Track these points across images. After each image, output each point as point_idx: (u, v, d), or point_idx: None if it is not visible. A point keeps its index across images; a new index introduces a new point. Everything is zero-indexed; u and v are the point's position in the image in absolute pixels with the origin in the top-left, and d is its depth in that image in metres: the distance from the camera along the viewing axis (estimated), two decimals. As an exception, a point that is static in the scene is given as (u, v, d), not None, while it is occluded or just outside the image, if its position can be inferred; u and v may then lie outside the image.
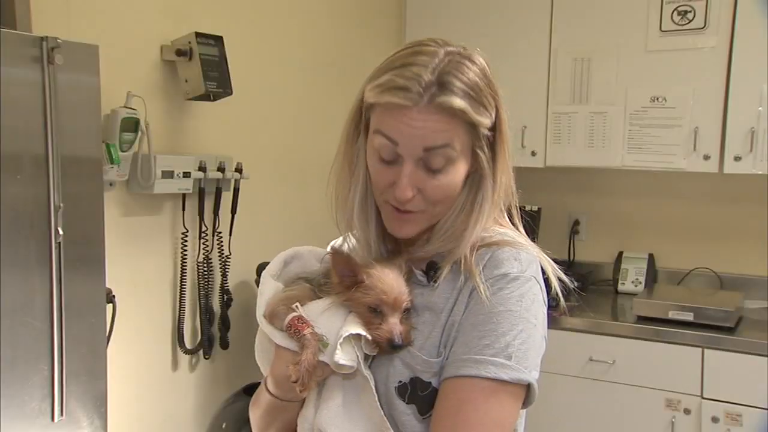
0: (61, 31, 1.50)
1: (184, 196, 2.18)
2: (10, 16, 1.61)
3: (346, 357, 0.94)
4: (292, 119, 2.65)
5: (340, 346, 0.94)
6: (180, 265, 2.19)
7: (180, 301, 2.20)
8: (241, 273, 2.42)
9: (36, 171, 1.46)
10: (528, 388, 0.96)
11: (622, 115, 2.76)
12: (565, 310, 1.30)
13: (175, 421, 2.26)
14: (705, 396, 2.44)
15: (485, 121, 0.99)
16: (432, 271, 1.02)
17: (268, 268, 1.09)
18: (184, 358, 2.26)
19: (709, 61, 2.60)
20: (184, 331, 2.22)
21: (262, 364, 1.10)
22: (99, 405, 1.63)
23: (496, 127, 1.02)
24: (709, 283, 2.94)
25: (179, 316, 2.20)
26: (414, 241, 1.07)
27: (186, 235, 2.19)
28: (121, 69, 1.95)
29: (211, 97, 2.09)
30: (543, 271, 1.03)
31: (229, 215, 2.32)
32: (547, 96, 2.89)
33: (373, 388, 0.97)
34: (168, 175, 2.03)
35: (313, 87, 2.72)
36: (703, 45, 2.60)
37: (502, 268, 0.97)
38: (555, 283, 1.05)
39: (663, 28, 2.66)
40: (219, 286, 2.33)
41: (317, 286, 1.04)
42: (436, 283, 1.01)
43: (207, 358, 2.31)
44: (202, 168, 2.15)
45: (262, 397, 1.07)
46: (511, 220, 1.09)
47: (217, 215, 2.28)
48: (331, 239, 1.25)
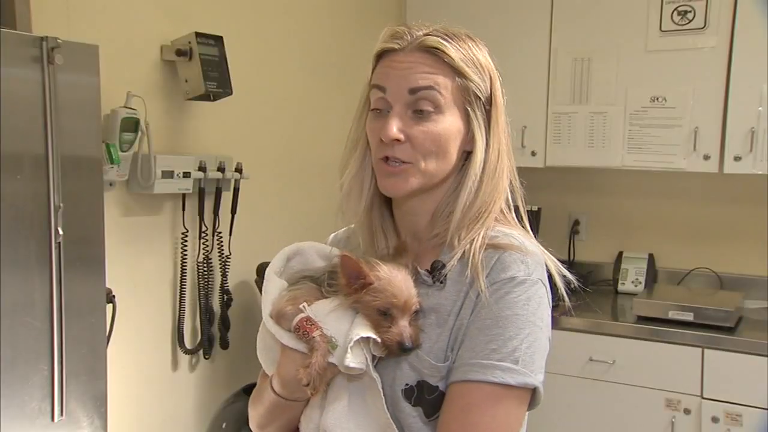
0: (61, 31, 1.50)
1: (184, 196, 2.18)
2: (10, 16, 1.61)
3: (356, 360, 0.94)
4: (292, 119, 2.65)
5: (350, 350, 0.93)
6: (180, 265, 2.19)
7: (180, 301, 2.20)
8: (241, 273, 2.42)
9: (36, 171, 1.46)
10: (533, 391, 0.96)
11: (622, 115, 2.76)
12: (570, 309, 1.30)
13: (175, 421, 2.26)
14: (705, 396, 2.44)
15: (475, 77, 1.01)
16: (437, 270, 1.02)
17: (271, 265, 1.08)
18: (184, 358, 2.26)
19: (709, 61, 2.59)
20: (184, 331, 2.22)
21: (265, 363, 1.09)
22: (99, 405, 1.63)
23: (491, 101, 1.03)
24: (709, 283, 2.94)
25: (179, 316, 2.20)
26: (417, 227, 1.07)
27: (186, 235, 2.19)
28: (121, 69, 1.95)
29: (211, 97, 2.09)
30: (548, 271, 1.03)
31: (229, 215, 2.32)
32: (547, 96, 2.89)
33: (381, 390, 0.96)
34: (168, 175, 2.03)
35: (313, 87, 2.72)
36: (703, 45, 2.60)
37: (509, 272, 0.97)
38: (560, 283, 1.05)
39: (663, 28, 2.66)
40: (219, 286, 2.33)
41: (324, 286, 1.03)
42: (442, 283, 1.00)
43: (207, 358, 2.31)
44: (202, 168, 2.15)
45: (265, 396, 1.07)
46: (518, 217, 1.08)
47: (217, 215, 2.28)
48: (331, 235, 1.24)
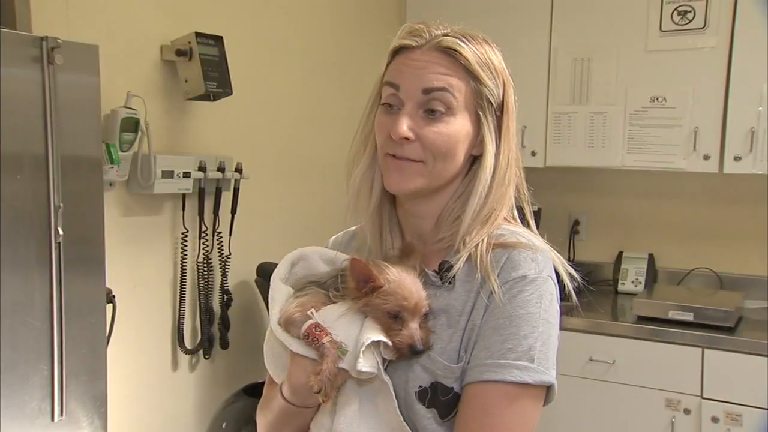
0: (61, 31, 1.50)
1: (184, 196, 2.18)
2: (10, 16, 1.61)
3: (367, 364, 0.93)
4: (292, 119, 2.64)
5: (362, 354, 0.92)
6: (180, 265, 2.19)
7: (180, 301, 2.20)
8: (241, 273, 2.42)
9: (36, 171, 1.46)
10: (548, 387, 0.96)
11: (622, 115, 2.76)
12: (578, 306, 1.30)
13: (175, 421, 2.26)
14: (705, 396, 2.43)
15: (489, 83, 1.01)
16: (445, 271, 1.01)
17: (276, 272, 1.07)
18: (184, 358, 2.26)
19: (709, 61, 2.59)
20: (184, 331, 2.22)
21: (274, 370, 1.08)
22: (99, 405, 1.63)
23: (503, 108, 1.03)
24: (709, 283, 2.94)
25: (179, 316, 2.20)
26: (422, 230, 1.07)
27: (186, 235, 2.19)
28: (121, 69, 1.95)
29: (211, 97, 2.09)
30: (555, 269, 1.02)
31: (229, 215, 2.32)
32: (547, 96, 2.89)
33: (393, 393, 0.96)
34: (168, 175, 2.03)
35: (313, 87, 2.72)
36: (703, 45, 2.60)
37: (520, 270, 0.97)
38: (567, 281, 1.04)
39: (663, 28, 2.66)
40: (219, 286, 2.33)
41: (332, 291, 1.02)
42: (450, 284, 1.00)
43: (207, 358, 2.31)
44: (202, 168, 2.15)
45: (274, 403, 1.05)
46: (522, 219, 1.08)
47: (217, 215, 2.28)
48: (331, 239, 1.24)
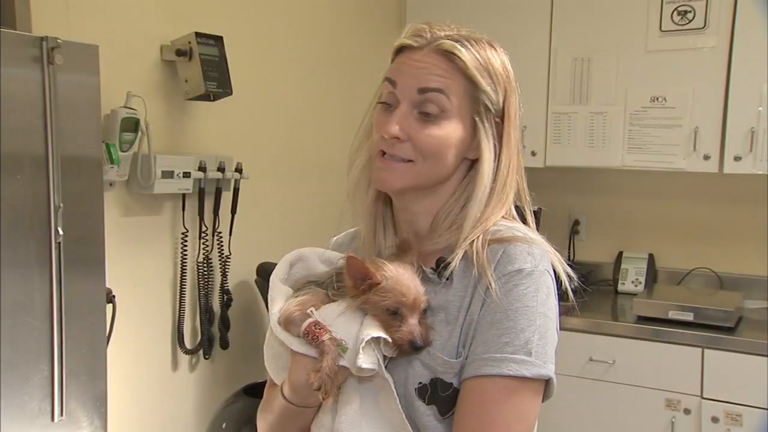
0: (61, 31, 1.50)
1: (184, 196, 2.18)
2: (10, 16, 1.61)
3: (368, 361, 0.93)
4: (292, 119, 2.64)
5: (362, 351, 0.92)
6: (180, 265, 2.19)
7: (180, 301, 2.20)
8: (241, 273, 2.42)
9: (36, 171, 1.46)
10: (547, 381, 0.96)
11: (622, 115, 2.76)
12: (575, 306, 1.29)
13: (175, 421, 2.26)
14: (705, 396, 2.43)
15: (488, 88, 1.00)
16: (442, 268, 1.01)
17: (275, 272, 1.07)
18: (184, 358, 2.26)
19: (709, 61, 2.59)
20: (184, 331, 2.22)
21: (274, 371, 1.08)
22: (99, 405, 1.63)
23: (504, 114, 1.03)
24: (709, 283, 2.94)
25: (179, 316, 2.20)
26: (417, 228, 1.07)
27: (186, 235, 2.19)
28: (121, 69, 1.95)
29: (211, 97, 2.09)
30: (553, 266, 1.02)
31: (229, 215, 2.32)
32: (547, 96, 2.89)
33: (394, 390, 0.96)
34: (168, 175, 2.03)
35: (313, 87, 2.72)
36: (703, 45, 2.60)
37: (516, 264, 0.97)
38: (565, 280, 1.04)
39: (663, 28, 2.66)
40: (219, 286, 2.33)
41: (330, 290, 1.02)
42: (448, 280, 1.00)
43: (207, 358, 2.31)
44: (202, 168, 2.15)
45: (275, 404, 1.05)
46: (523, 222, 1.08)
47: (217, 215, 2.28)
48: (330, 238, 1.24)
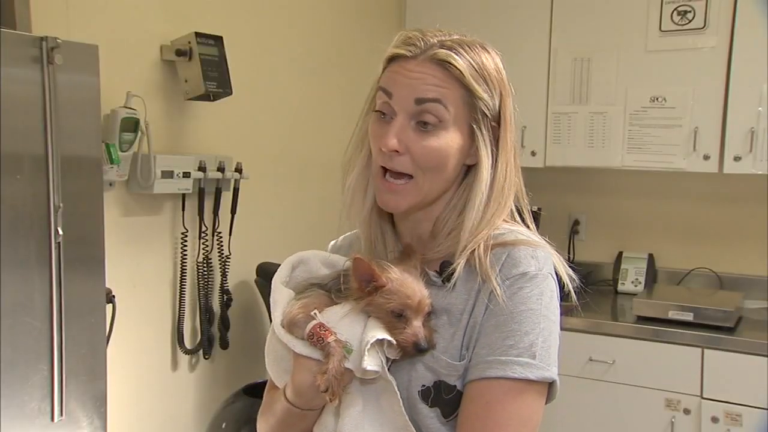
0: (61, 31, 1.50)
1: (183, 196, 2.18)
2: (10, 16, 1.62)
3: (372, 362, 0.93)
4: (292, 119, 2.65)
5: (367, 352, 0.92)
6: (180, 265, 2.19)
7: (180, 301, 2.20)
8: (240, 273, 2.42)
9: (36, 171, 1.46)
10: (550, 384, 0.96)
11: (622, 115, 2.76)
12: (578, 306, 1.29)
13: (175, 421, 2.26)
14: (705, 396, 2.43)
15: (484, 95, 1.00)
16: (445, 271, 1.01)
17: (277, 275, 1.07)
18: (183, 358, 2.26)
19: (709, 61, 2.59)
20: (184, 331, 2.22)
21: (276, 374, 1.07)
22: (99, 405, 1.63)
23: (500, 118, 1.02)
24: (709, 283, 2.94)
25: (179, 316, 2.20)
26: (419, 234, 1.07)
27: (186, 235, 2.19)
28: (121, 69, 1.95)
29: (211, 97, 2.09)
30: (555, 268, 1.02)
31: (229, 215, 2.32)
32: (547, 96, 2.89)
33: (397, 392, 0.96)
34: (168, 175, 2.03)
35: (313, 87, 2.72)
36: (703, 45, 2.60)
37: (521, 267, 0.97)
38: (567, 281, 1.04)
39: (663, 28, 2.66)
40: (219, 286, 2.33)
41: (334, 292, 1.02)
42: (450, 282, 1.00)
43: (207, 358, 2.31)
44: (202, 168, 2.15)
45: (277, 407, 1.04)
46: (522, 221, 1.08)
47: (217, 215, 2.28)
48: (330, 239, 1.24)
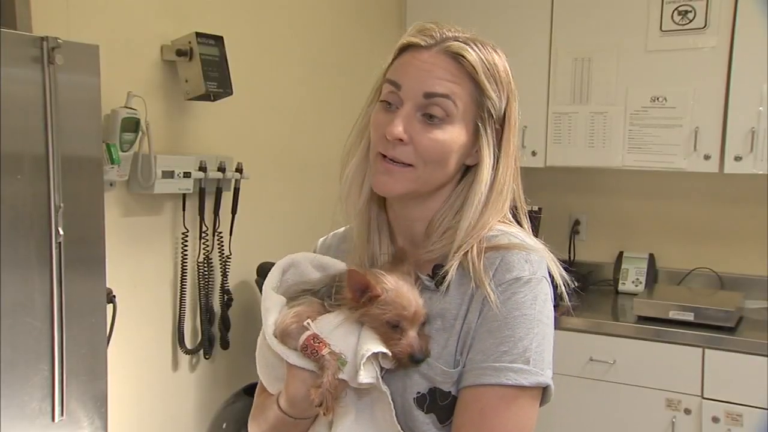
0: (61, 31, 1.50)
1: (184, 196, 2.18)
2: (10, 16, 1.61)
3: (368, 375, 0.92)
4: (292, 119, 2.64)
5: (362, 366, 0.91)
6: (180, 265, 2.19)
7: (180, 301, 2.20)
8: (241, 273, 2.42)
9: (36, 171, 1.46)
10: (545, 388, 0.96)
11: (623, 115, 2.76)
12: (570, 309, 1.29)
13: (176, 421, 2.26)
14: (705, 396, 2.43)
15: (493, 94, 0.99)
16: (438, 275, 1.00)
17: (267, 281, 1.06)
18: (184, 358, 2.26)
19: (710, 61, 2.59)
20: (185, 331, 2.22)
21: (267, 380, 1.07)
22: (99, 405, 1.63)
23: (505, 120, 1.02)
24: (710, 283, 2.94)
25: (179, 316, 2.20)
26: (413, 233, 1.06)
27: (186, 235, 2.19)
28: (121, 69, 1.95)
29: (212, 97, 2.09)
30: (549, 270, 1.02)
31: (230, 215, 2.32)
32: (547, 96, 2.89)
33: (391, 402, 0.95)
34: (168, 175, 2.03)
35: (313, 87, 2.72)
36: (703, 45, 2.60)
37: (514, 272, 0.96)
38: (561, 285, 1.04)
39: (663, 28, 2.66)
40: (219, 286, 2.33)
41: (326, 299, 1.00)
42: (444, 286, 0.99)
43: (207, 358, 2.31)
44: (203, 168, 2.15)
45: (270, 414, 1.04)
46: (518, 222, 1.07)
47: (218, 215, 2.28)
48: (317, 241, 1.23)
